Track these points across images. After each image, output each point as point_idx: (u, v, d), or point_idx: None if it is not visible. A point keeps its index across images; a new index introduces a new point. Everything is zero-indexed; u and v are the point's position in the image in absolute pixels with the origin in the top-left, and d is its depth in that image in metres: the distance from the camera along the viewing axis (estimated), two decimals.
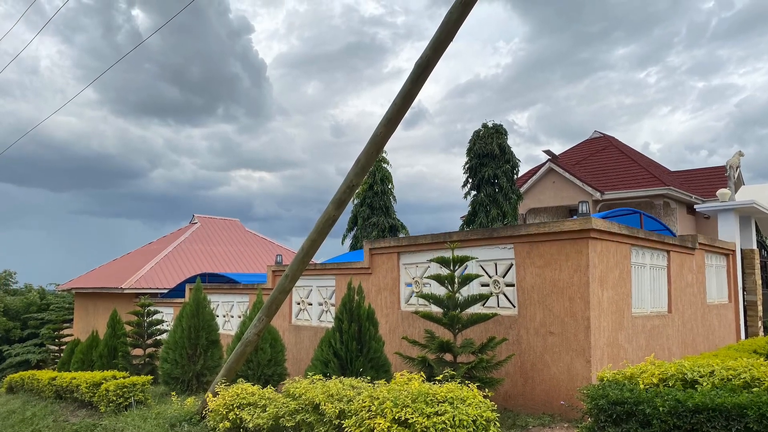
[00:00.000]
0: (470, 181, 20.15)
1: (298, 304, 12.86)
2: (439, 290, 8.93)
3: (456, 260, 8.04)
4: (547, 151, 22.93)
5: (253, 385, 7.35)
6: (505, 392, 8.34)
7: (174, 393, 10.27)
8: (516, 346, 8.38)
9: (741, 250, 13.82)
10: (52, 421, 11.24)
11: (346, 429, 5.21)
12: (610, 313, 8.17)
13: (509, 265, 8.78)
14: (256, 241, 29.99)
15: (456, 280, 8.03)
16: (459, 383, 5.41)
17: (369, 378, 6.61)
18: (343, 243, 24.14)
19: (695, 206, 16.93)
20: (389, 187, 23.60)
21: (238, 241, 28.97)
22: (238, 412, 6.83)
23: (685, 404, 4.83)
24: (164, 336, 13.90)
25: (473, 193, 20.09)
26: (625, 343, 8.46)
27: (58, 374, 13.43)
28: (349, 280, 8.77)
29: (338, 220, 7.35)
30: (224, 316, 15.36)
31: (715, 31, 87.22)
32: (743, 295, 13.79)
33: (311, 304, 12.59)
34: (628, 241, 8.86)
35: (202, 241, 27.15)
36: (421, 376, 5.92)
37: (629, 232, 8.76)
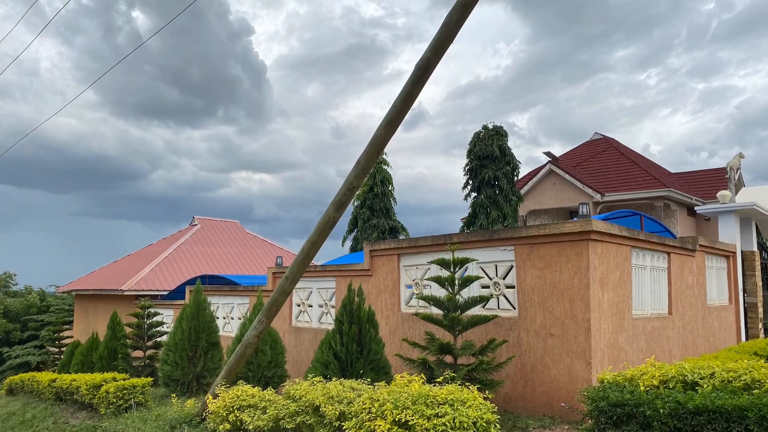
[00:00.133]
0: (470, 182, 20.15)
1: (299, 305, 12.86)
2: (440, 292, 8.93)
3: (456, 262, 8.04)
4: (548, 153, 22.95)
5: (254, 387, 7.34)
6: (506, 394, 8.33)
7: (174, 395, 10.26)
8: (516, 347, 8.37)
9: (741, 251, 13.81)
10: (52, 423, 11.23)
11: (347, 431, 5.21)
12: (611, 315, 8.17)
13: (509, 267, 8.78)
14: (256, 243, 30.00)
15: (456, 282, 8.03)
16: (459, 385, 5.40)
17: (369, 380, 6.61)
18: (343, 245, 24.19)
19: (696, 208, 16.93)
20: (389, 189, 23.62)
21: (238, 243, 28.98)
22: (238, 414, 6.83)
23: (685, 406, 4.83)
24: (164, 338, 13.88)
25: (473, 194, 20.09)
26: (625, 344, 8.45)
27: (58, 376, 13.42)
28: (350, 282, 8.77)
29: (338, 221, 7.34)
30: (224, 318, 15.36)
31: (716, 33, 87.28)
32: (744, 296, 13.78)
33: (311, 306, 12.58)
34: (629, 243, 8.86)
35: (203, 243, 27.16)
36: (422, 377, 5.91)
37: (630, 234, 8.76)
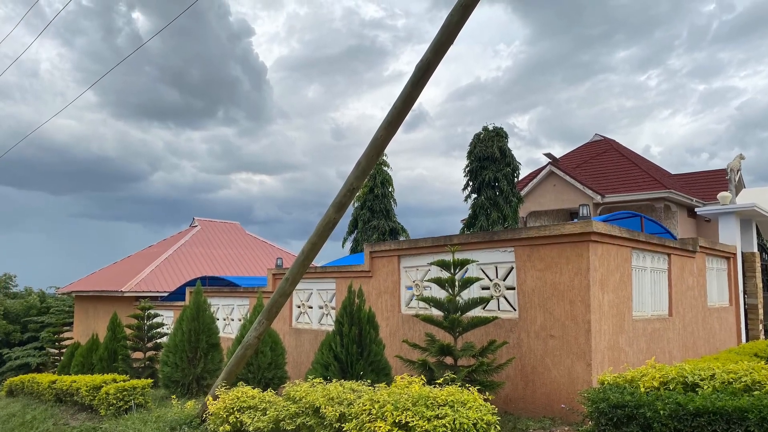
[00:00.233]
0: (471, 184, 20.15)
1: (299, 307, 12.86)
2: (440, 293, 8.93)
3: (456, 263, 8.04)
4: (548, 154, 22.95)
5: (254, 389, 7.34)
6: (506, 395, 8.33)
7: (174, 396, 10.26)
8: (516, 349, 8.37)
9: (742, 253, 13.81)
10: (53, 424, 11.22)
11: None
12: (611, 317, 8.16)
13: (510, 269, 8.78)
14: (257, 245, 30.00)
15: (456, 284, 8.03)
16: (459, 386, 5.40)
17: (369, 381, 6.60)
18: (343, 246, 24.19)
19: (696, 209, 16.93)
20: (390, 190, 23.63)
21: (238, 245, 28.98)
22: (238, 416, 6.82)
23: (686, 407, 4.83)
24: (164, 339, 13.87)
25: (474, 196, 20.09)
26: (625, 346, 8.45)
27: (58, 377, 13.41)
28: (350, 283, 8.77)
29: (339, 223, 7.35)
30: (224, 320, 15.35)
31: (716, 34, 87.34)
32: (744, 298, 13.78)
33: (312, 308, 12.58)
34: (629, 245, 8.86)
35: (203, 245, 27.16)
36: (422, 379, 5.91)
37: (630, 236, 8.76)
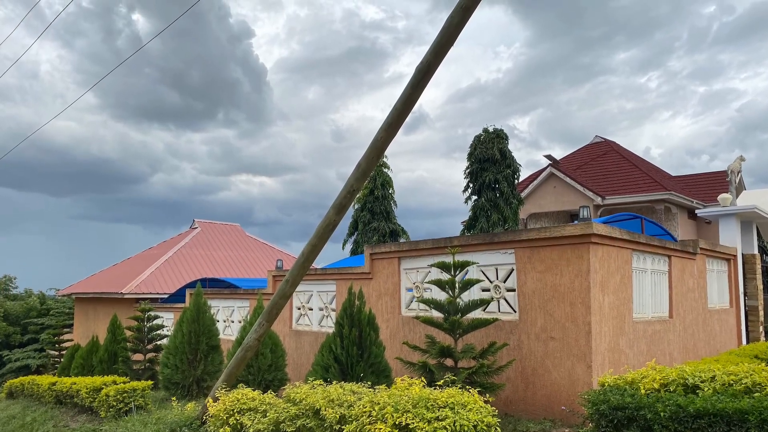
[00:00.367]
0: (471, 185, 20.14)
1: (299, 309, 12.85)
2: (440, 295, 8.92)
3: (457, 265, 8.03)
4: (548, 156, 22.96)
5: (254, 390, 7.33)
6: (506, 397, 8.32)
7: (174, 398, 10.24)
8: (517, 351, 8.36)
9: (742, 255, 13.81)
10: (52, 426, 11.22)
11: None
12: (611, 318, 8.16)
13: (510, 270, 8.78)
14: (257, 246, 30.00)
15: (457, 285, 8.02)
16: (460, 388, 5.40)
17: (370, 383, 6.59)
18: (343, 248, 24.19)
19: (696, 211, 16.94)
20: (390, 192, 23.64)
21: (238, 246, 28.98)
22: (238, 418, 6.81)
23: (686, 409, 4.82)
24: (164, 341, 13.88)
25: (474, 197, 20.09)
26: (626, 348, 8.44)
27: (59, 379, 13.41)
28: (350, 285, 8.76)
29: (339, 225, 7.35)
30: (225, 321, 15.35)
31: (717, 36, 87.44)
32: (744, 300, 13.77)
33: (312, 309, 12.58)
34: (630, 246, 8.86)
35: (203, 246, 27.16)
36: (422, 381, 5.91)
37: (630, 237, 8.76)
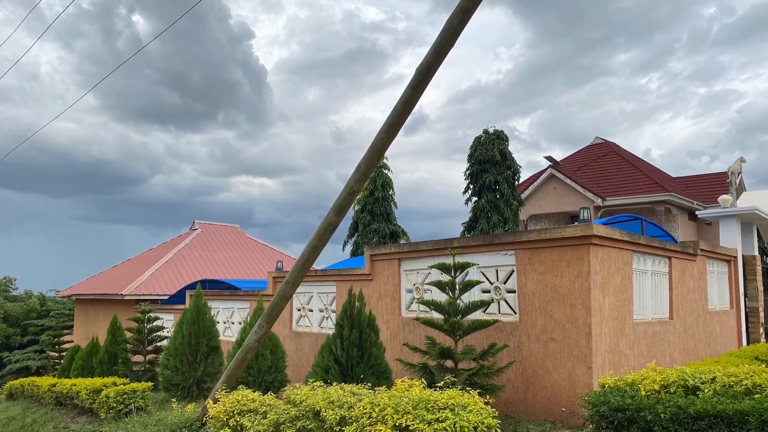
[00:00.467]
0: (471, 187, 20.15)
1: (299, 310, 12.85)
2: (440, 297, 8.92)
3: (457, 267, 8.03)
4: (549, 157, 22.97)
5: (254, 392, 7.32)
6: (507, 399, 8.31)
7: (174, 399, 10.24)
8: (517, 352, 8.36)
9: (743, 256, 13.80)
10: (53, 427, 11.21)
11: None
12: (612, 320, 8.15)
13: (510, 272, 8.78)
14: (257, 248, 29.99)
15: (457, 287, 8.02)
16: (460, 390, 5.40)
17: (370, 384, 6.59)
18: (344, 249, 24.21)
19: (697, 212, 16.92)
20: (390, 194, 23.65)
21: (238, 248, 28.97)
22: (238, 419, 6.81)
23: (686, 411, 4.82)
24: (164, 342, 13.88)
25: (474, 199, 20.10)
26: (626, 349, 8.44)
27: (59, 381, 13.40)
28: (350, 287, 8.76)
29: (339, 226, 7.34)
30: (225, 323, 15.34)
31: (717, 37, 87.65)
32: (745, 301, 13.76)
33: (312, 311, 12.57)
34: (630, 248, 8.85)
35: (203, 248, 27.15)
36: (422, 382, 5.90)
37: (631, 239, 8.75)
